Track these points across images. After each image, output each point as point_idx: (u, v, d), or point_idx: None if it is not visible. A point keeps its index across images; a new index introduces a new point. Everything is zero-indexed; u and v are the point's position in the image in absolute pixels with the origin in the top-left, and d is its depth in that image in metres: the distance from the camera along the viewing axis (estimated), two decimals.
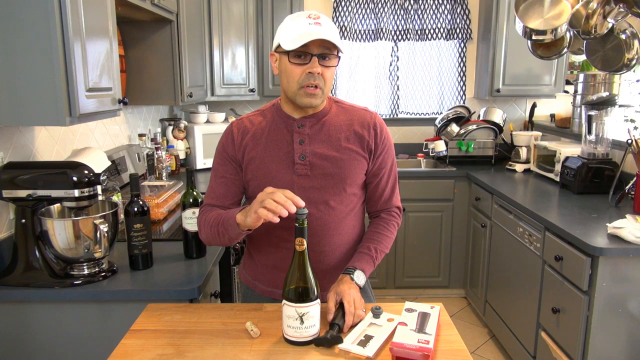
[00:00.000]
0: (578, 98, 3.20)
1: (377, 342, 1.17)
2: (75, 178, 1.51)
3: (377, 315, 1.28)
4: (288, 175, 1.38)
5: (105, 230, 1.53)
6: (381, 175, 1.47)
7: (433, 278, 3.64)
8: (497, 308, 2.97)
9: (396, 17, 3.83)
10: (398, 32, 3.86)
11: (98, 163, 2.02)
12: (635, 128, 2.61)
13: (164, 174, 2.93)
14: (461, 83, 3.95)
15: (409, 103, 4.02)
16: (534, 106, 3.74)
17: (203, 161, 3.43)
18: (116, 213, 1.64)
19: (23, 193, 1.52)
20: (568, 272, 2.12)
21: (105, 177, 2.17)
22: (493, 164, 3.69)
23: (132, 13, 2.25)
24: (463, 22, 3.82)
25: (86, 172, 1.55)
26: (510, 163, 3.53)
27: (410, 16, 3.83)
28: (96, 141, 2.43)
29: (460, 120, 3.75)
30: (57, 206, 1.62)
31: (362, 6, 3.81)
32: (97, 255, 1.56)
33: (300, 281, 1.15)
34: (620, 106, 2.84)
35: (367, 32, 3.86)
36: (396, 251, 3.57)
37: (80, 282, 1.54)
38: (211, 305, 1.53)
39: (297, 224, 1.14)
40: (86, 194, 1.54)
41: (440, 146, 3.71)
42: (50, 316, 1.54)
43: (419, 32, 3.86)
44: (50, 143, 1.98)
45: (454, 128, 3.66)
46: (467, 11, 3.81)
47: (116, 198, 2.08)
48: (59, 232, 1.50)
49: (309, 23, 1.27)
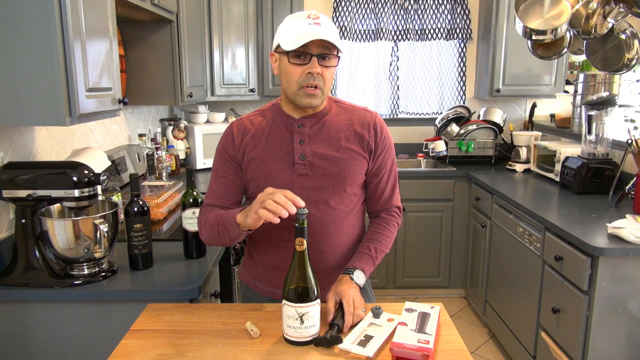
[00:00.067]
0: (578, 98, 3.20)
1: (377, 342, 1.17)
2: (75, 178, 1.52)
3: (377, 315, 1.28)
4: (288, 175, 1.38)
5: (105, 230, 1.53)
6: (381, 175, 1.47)
7: (433, 278, 3.64)
8: (497, 308, 2.97)
9: (396, 17, 3.83)
10: (398, 32, 3.86)
11: (98, 163, 2.02)
12: (635, 128, 2.61)
13: (164, 174, 2.93)
14: (461, 83, 3.95)
15: (409, 103, 4.02)
16: (534, 106, 3.74)
17: (203, 161, 3.43)
18: (116, 213, 1.64)
19: (23, 193, 1.52)
20: (568, 272, 2.12)
21: (105, 177, 2.17)
22: (493, 164, 3.68)
23: (132, 13, 2.25)
24: (463, 22, 3.82)
25: (86, 172, 1.55)
26: (510, 163, 3.53)
27: (410, 16, 3.82)
28: (96, 141, 2.43)
29: (460, 120, 3.75)
30: (57, 206, 1.62)
31: (362, 6, 3.80)
32: (97, 255, 1.56)
33: (300, 281, 1.15)
34: (620, 106, 2.84)
35: (367, 32, 3.86)
36: (396, 251, 3.57)
37: (80, 282, 1.54)
38: (211, 305, 1.53)
39: (297, 224, 1.14)
40: (86, 194, 1.54)
41: (440, 146, 3.71)
42: (50, 316, 1.54)
43: (419, 32, 3.86)
44: (50, 143, 1.98)
45: (454, 128, 3.66)
46: (467, 11, 3.81)
47: (116, 198, 2.08)
48: (59, 232, 1.50)
49: (309, 23, 1.27)
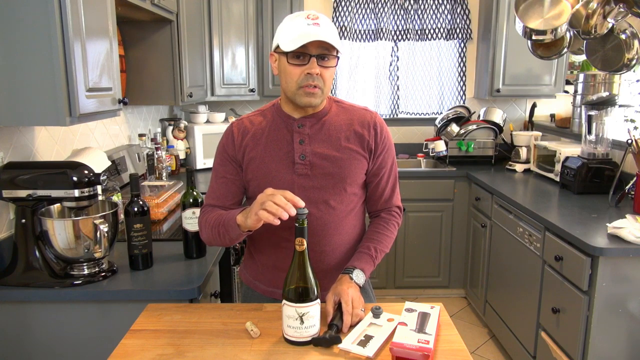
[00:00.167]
0: (578, 98, 3.19)
1: (377, 342, 1.17)
2: (75, 178, 1.51)
3: (377, 315, 1.28)
4: (288, 175, 1.38)
5: (105, 230, 1.53)
6: (381, 174, 1.47)
7: (433, 278, 3.64)
8: (497, 308, 2.97)
9: (396, 17, 3.83)
10: (398, 32, 3.86)
11: (98, 163, 2.02)
12: (635, 128, 2.61)
13: (164, 174, 2.93)
14: (461, 83, 3.95)
15: (409, 103, 4.02)
16: (534, 106, 3.74)
17: (203, 161, 3.43)
18: (116, 213, 1.64)
19: (23, 193, 1.52)
20: (568, 272, 2.12)
21: (105, 177, 2.17)
22: (493, 164, 3.68)
23: (132, 13, 2.25)
24: (463, 22, 3.82)
25: (86, 172, 1.55)
26: (510, 163, 3.53)
27: (410, 16, 3.82)
28: (96, 141, 2.43)
29: (460, 120, 3.75)
30: (57, 206, 1.62)
31: (362, 6, 3.80)
32: (97, 255, 1.56)
33: (300, 281, 1.15)
34: (620, 106, 2.84)
35: (367, 32, 3.86)
36: (396, 251, 3.57)
37: (80, 282, 1.54)
38: (211, 305, 1.53)
39: (297, 224, 1.14)
40: (86, 194, 1.54)
41: (440, 146, 3.71)
42: (50, 316, 1.54)
43: (419, 32, 3.86)
44: (50, 143, 1.98)
45: (454, 128, 3.66)
46: (467, 11, 3.81)
47: (116, 198, 2.08)
48: (59, 232, 1.50)
49: (308, 24, 1.27)
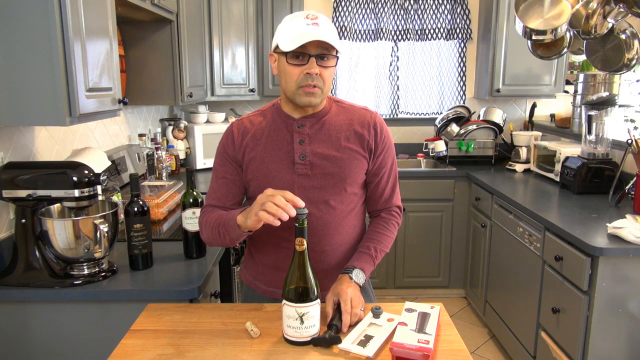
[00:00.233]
0: (578, 98, 3.19)
1: (377, 342, 1.17)
2: (75, 178, 1.51)
3: (377, 315, 1.28)
4: (288, 175, 1.38)
5: (105, 230, 1.53)
6: (381, 174, 1.47)
7: (433, 278, 3.64)
8: (497, 308, 2.97)
9: (396, 17, 3.83)
10: (398, 32, 3.86)
11: (98, 163, 2.02)
12: (635, 128, 2.61)
13: (164, 174, 2.93)
14: (461, 83, 3.95)
15: (409, 103, 4.02)
16: (534, 106, 3.74)
17: (203, 161, 3.43)
18: (116, 213, 1.64)
19: (23, 193, 1.52)
20: (568, 272, 2.12)
21: (105, 177, 2.17)
22: (493, 164, 3.68)
23: (132, 13, 2.25)
24: (463, 22, 3.82)
25: (86, 172, 1.55)
26: (510, 163, 3.53)
27: (410, 16, 3.82)
28: (96, 141, 2.43)
29: (460, 120, 3.75)
30: (57, 206, 1.62)
31: (362, 6, 3.80)
32: (97, 255, 1.56)
33: (300, 281, 1.15)
34: (620, 106, 2.84)
35: (367, 32, 3.86)
36: (396, 251, 3.57)
37: (80, 282, 1.54)
38: (211, 305, 1.53)
39: (297, 224, 1.14)
40: (86, 194, 1.54)
41: (440, 146, 3.71)
42: (50, 316, 1.54)
43: (419, 32, 3.86)
44: (50, 143, 1.98)
45: (454, 128, 3.66)
46: (467, 11, 3.81)
47: (116, 198, 2.08)
48: (59, 232, 1.50)
49: (307, 24, 1.27)
